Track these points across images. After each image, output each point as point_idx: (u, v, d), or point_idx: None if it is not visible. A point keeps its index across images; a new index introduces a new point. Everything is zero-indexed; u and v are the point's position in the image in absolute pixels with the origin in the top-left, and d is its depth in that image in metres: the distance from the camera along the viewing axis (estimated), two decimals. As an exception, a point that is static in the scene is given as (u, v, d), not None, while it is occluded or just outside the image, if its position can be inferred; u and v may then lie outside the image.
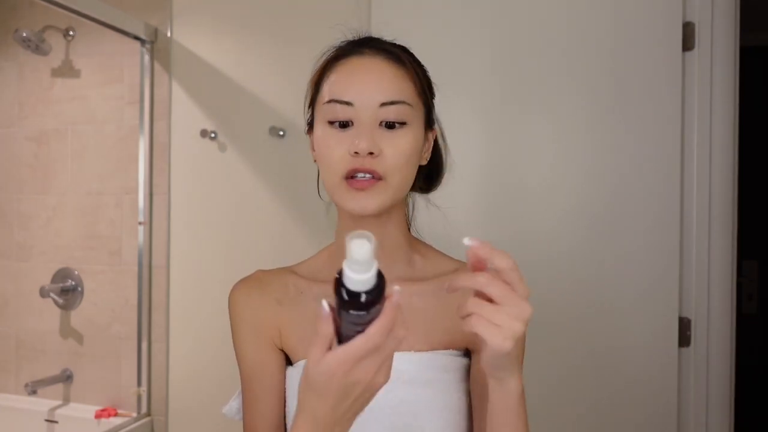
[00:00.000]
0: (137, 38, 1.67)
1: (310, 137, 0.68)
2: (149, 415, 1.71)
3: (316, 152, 0.65)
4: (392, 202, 0.62)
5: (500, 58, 1.37)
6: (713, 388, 1.29)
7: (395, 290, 0.44)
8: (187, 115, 1.68)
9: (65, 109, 1.82)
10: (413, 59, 0.67)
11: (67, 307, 1.80)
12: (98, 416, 1.68)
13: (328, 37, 0.72)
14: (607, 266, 1.31)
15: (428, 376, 0.64)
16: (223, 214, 1.64)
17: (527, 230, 1.35)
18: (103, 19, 1.56)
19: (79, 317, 1.79)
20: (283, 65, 1.59)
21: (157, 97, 1.71)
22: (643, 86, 1.29)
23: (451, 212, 0.81)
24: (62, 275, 1.80)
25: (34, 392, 1.71)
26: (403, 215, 0.69)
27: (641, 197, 1.29)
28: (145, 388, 1.70)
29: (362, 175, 0.60)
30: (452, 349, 0.67)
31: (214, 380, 1.62)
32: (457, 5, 1.40)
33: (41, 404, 1.76)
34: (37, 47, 1.70)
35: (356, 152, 0.59)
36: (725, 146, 1.29)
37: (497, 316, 0.46)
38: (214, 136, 1.64)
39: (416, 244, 0.72)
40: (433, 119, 0.68)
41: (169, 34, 1.70)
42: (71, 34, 1.80)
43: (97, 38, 1.76)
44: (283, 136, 1.56)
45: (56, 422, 1.73)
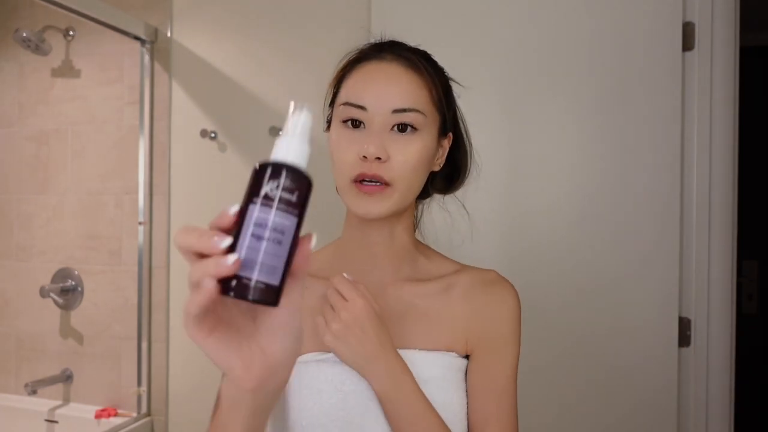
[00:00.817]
0: (137, 38, 1.67)
1: (329, 132, 0.70)
2: (149, 415, 1.71)
3: (330, 152, 0.66)
4: (398, 207, 0.64)
5: (497, 58, 1.37)
6: (713, 388, 1.29)
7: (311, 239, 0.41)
8: (187, 115, 1.68)
9: (65, 109, 1.82)
10: (433, 66, 0.68)
11: (67, 307, 1.80)
12: (98, 416, 1.68)
13: (328, 37, 0.73)
14: (607, 267, 1.31)
15: (429, 374, 0.65)
16: (223, 214, 1.63)
17: (526, 233, 1.35)
18: (103, 19, 1.56)
19: (79, 317, 1.79)
20: (283, 65, 1.59)
21: (157, 97, 1.71)
22: (643, 86, 1.29)
23: (458, 213, 0.82)
24: (62, 275, 1.80)
25: (34, 392, 1.71)
26: (411, 218, 0.71)
27: (642, 198, 1.29)
28: (145, 388, 1.70)
29: (369, 181, 0.61)
30: (453, 350, 0.67)
31: (214, 380, 1.61)
32: (455, 6, 1.40)
33: (41, 404, 1.76)
34: (37, 47, 1.70)
35: (365, 156, 0.60)
36: (725, 146, 1.29)
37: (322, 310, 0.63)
38: (214, 136, 1.64)
39: (421, 246, 0.73)
40: (447, 127, 0.69)
41: (169, 34, 1.70)
42: (71, 34, 1.80)
43: (97, 38, 1.76)
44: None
45: (56, 422, 1.73)
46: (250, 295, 0.36)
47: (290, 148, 0.39)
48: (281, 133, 0.40)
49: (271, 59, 1.61)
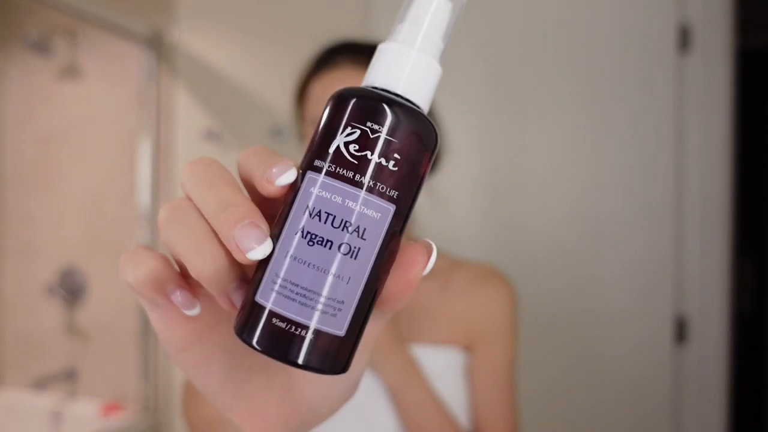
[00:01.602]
0: (142, 40, 1.69)
1: (302, 148, 0.71)
2: (154, 411, 1.73)
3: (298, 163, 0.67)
4: None
5: (489, 58, 1.39)
6: (709, 385, 1.31)
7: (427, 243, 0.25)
8: (191, 116, 1.70)
9: (71, 110, 1.84)
10: None
11: (72, 305, 1.82)
12: (103, 412, 1.70)
13: (332, 39, 0.74)
14: (602, 265, 1.33)
15: (434, 369, 0.67)
16: (227, 213, 1.65)
17: (522, 230, 1.37)
18: (108, 21, 1.58)
19: (84, 315, 1.81)
20: (288, 66, 1.61)
21: (162, 98, 1.73)
22: (642, 86, 1.31)
23: (449, 211, 0.84)
24: (68, 273, 1.82)
25: (39, 389, 1.73)
26: None
27: (637, 197, 1.31)
28: (150, 384, 1.72)
29: None
30: (455, 344, 0.69)
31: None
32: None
33: (47, 400, 1.78)
34: (43, 49, 1.72)
35: None
36: (721, 146, 1.31)
37: None
38: (218, 137, 1.66)
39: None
40: None
41: (174, 36, 1.72)
42: (77, 36, 1.82)
43: (102, 40, 1.78)
44: (288, 137, 1.59)
45: (61, 418, 1.75)
46: (284, 351, 0.22)
47: (406, 66, 0.23)
48: (391, 35, 0.24)
49: (276, 61, 1.63)
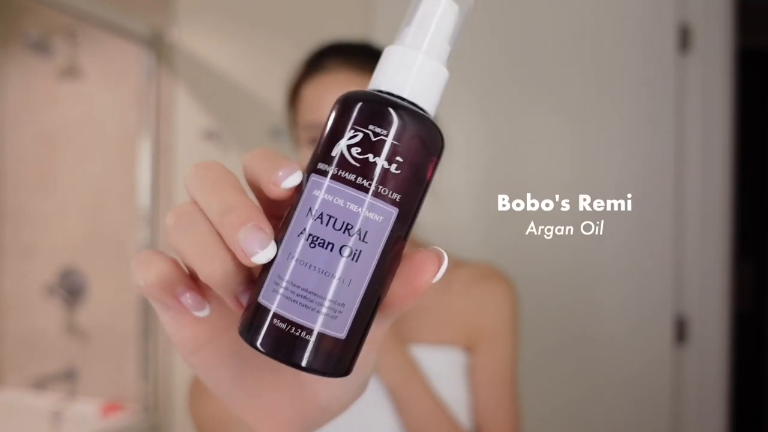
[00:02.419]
0: (142, 40, 1.69)
1: (298, 153, 0.71)
2: (154, 411, 1.73)
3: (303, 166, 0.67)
4: None
5: (484, 58, 1.39)
6: (709, 386, 1.31)
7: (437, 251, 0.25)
8: (191, 116, 1.70)
9: (70, 110, 1.84)
10: (377, 56, 0.67)
11: (72, 304, 1.82)
12: (104, 412, 1.70)
13: (332, 39, 0.74)
14: (602, 264, 1.33)
15: (434, 369, 0.66)
16: (227, 213, 1.65)
17: (520, 228, 1.37)
18: (108, 21, 1.58)
19: (84, 315, 1.81)
20: (288, 66, 1.60)
21: (161, 98, 1.73)
22: (641, 86, 1.31)
23: (446, 208, 0.84)
24: (68, 273, 1.82)
25: (39, 389, 1.73)
26: None
27: (637, 196, 1.31)
28: (150, 384, 1.72)
29: None
30: (455, 345, 0.69)
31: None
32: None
33: (47, 401, 1.79)
34: (42, 49, 1.72)
35: None
36: (721, 146, 1.31)
37: None
38: (218, 137, 1.66)
39: (414, 242, 0.75)
40: None
41: (174, 36, 1.72)
42: (77, 36, 1.82)
43: (102, 40, 1.78)
44: (288, 137, 1.58)
45: (61, 418, 1.75)
46: (286, 353, 0.22)
47: (413, 70, 0.22)
48: (398, 38, 0.24)
49: (276, 61, 1.62)
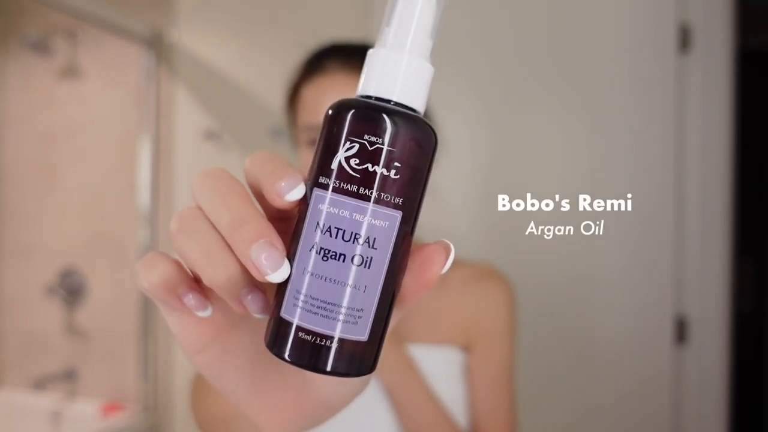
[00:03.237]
0: (142, 40, 1.69)
1: (297, 153, 0.71)
2: (154, 411, 1.73)
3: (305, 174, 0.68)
4: None
5: (484, 59, 1.39)
6: (709, 386, 1.31)
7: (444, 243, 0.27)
8: (191, 116, 1.70)
9: (70, 110, 1.84)
10: None
11: (72, 304, 1.82)
12: (103, 412, 1.70)
13: (331, 39, 0.74)
14: (606, 265, 1.33)
15: (432, 369, 0.66)
16: (226, 213, 1.65)
17: (519, 226, 1.37)
18: (107, 21, 1.58)
19: (83, 315, 1.81)
20: (288, 66, 1.60)
21: (161, 98, 1.73)
22: (641, 86, 1.31)
23: (443, 205, 0.84)
24: (67, 273, 1.82)
25: (39, 389, 1.73)
26: None
27: (637, 196, 1.31)
28: (150, 384, 1.72)
29: None
30: (453, 345, 0.69)
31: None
32: (453, 8, 1.42)
33: (46, 401, 1.79)
34: (42, 49, 1.72)
35: None
36: (721, 146, 1.31)
37: None
38: (218, 137, 1.66)
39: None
40: None
41: (173, 36, 1.72)
42: (76, 36, 1.82)
43: (102, 40, 1.78)
44: (287, 137, 1.58)
45: (61, 418, 1.75)
46: (313, 361, 0.23)
47: (399, 73, 0.23)
48: (379, 39, 0.24)
49: (276, 60, 1.62)
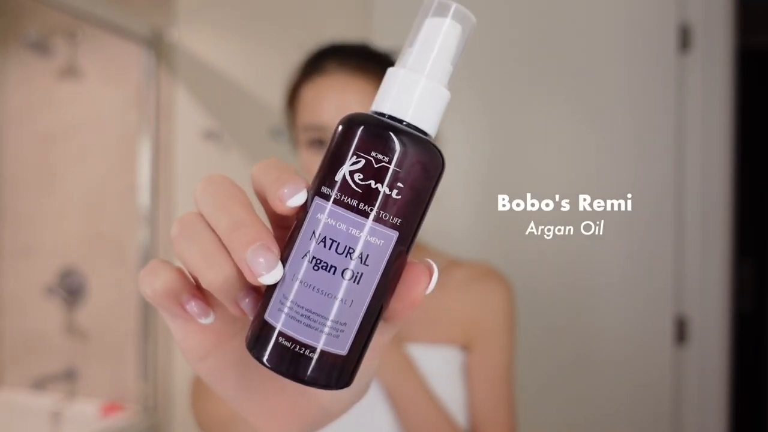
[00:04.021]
0: (142, 40, 1.69)
1: (297, 154, 0.71)
2: (154, 411, 1.73)
3: (304, 174, 0.68)
4: None
5: (485, 57, 1.39)
6: (709, 386, 1.31)
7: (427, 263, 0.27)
8: (191, 116, 1.70)
9: (70, 110, 1.84)
10: (376, 59, 0.68)
11: (72, 304, 1.82)
12: (103, 412, 1.70)
13: (331, 38, 0.74)
14: (606, 266, 1.33)
15: (431, 368, 0.67)
16: (226, 213, 1.65)
17: (518, 226, 1.37)
18: (107, 21, 1.58)
19: (83, 315, 1.81)
20: (287, 67, 1.60)
21: (161, 98, 1.73)
22: (641, 86, 1.31)
23: (442, 205, 0.84)
24: (67, 274, 1.82)
25: (39, 389, 1.73)
26: None
27: (638, 195, 1.31)
28: (150, 383, 1.72)
29: None
30: (452, 344, 0.69)
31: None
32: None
33: (46, 401, 1.79)
34: (42, 49, 1.72)
35: None
36: (722, 146, 1.31)
37: None
38: (218, 137, 1.66)
39: (418, 245, 0.75)
40: None
41: (173, 35, 1.72)
42: (76, 36, 1.82)
43: (101, 40, 1.78)
44: (287, 137, 1.58)
45: (61, 418, 1.75)
46: (291, 369, 0.24)
47: (414, 94, 0.23)
48: (400, 59, 0.25)
49: (275, 61, 1.62)
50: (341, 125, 0.24)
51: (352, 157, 0.23)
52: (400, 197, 0.23)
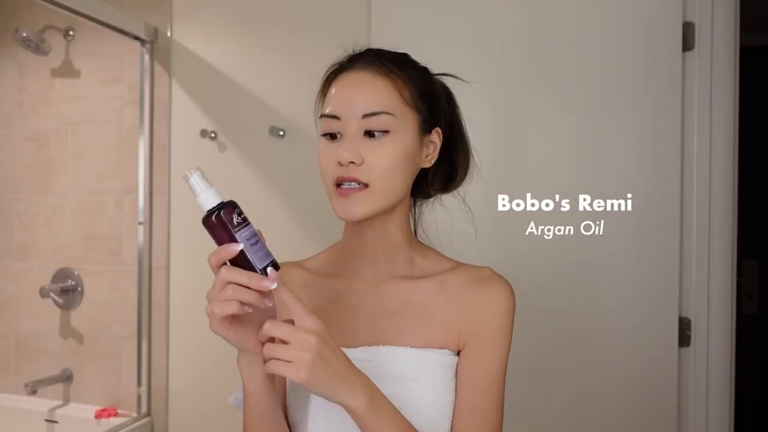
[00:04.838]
0: (137, 38, 1.68)
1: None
2: (149, 415, 1.71)
3: (318, 163, 0.69)
4: (380, 206, 0.65)
5: (493, 58, 1.37)
6: (713, 388, 1.29)
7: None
8: (187, 115, 1.68)
9: (65, 109, 1.82)
10: (408, 67, 0.69)
11: (67, 307, 1.80)
12: (98, 416, 1.68)
13: (328, 37, 0.73)
14: (607, 266, 1.31)
15: (419, 372, 0.66)
16: (222, 214, 1.64)
17: (522, 229, 1.35)
18: (103, 19, 1.57)
19: (79, 317, 1.80)
20: (283, 65, 1.59)
21: (157, 97, 1.71)
22: (642, 86, 1.29)
23: (460, 212, 0.83)
24: (62, 275, 1.80)
25: (34, 392, 1.71)
26: (405, 217, 0.72)
27: (642, 197, 1.29)
28: (145, 388, 1.70)
29: (348, 183, 0.64)
30: (446, 348, 0.68)
31: (213, 380, 1.62)
32: (455, 7, 1.40)
33: (41, 404, 1.77)
34: (37, 47, 1.70)
35: (340, 162, 0.64)
36: (725, 146, 1.29)
37: (287, 353, 0.55)
38: (214, 136, 1.64)
39: (417, 245, 0.74)
40: (430, 124, 0.70)
41: (169, 34, 1.70)
42: (71, 34, 1.80)
43: (97, 38, 1.77)
44: (283, 136, 1.56)
45: (56, 422, 1.73)
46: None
47: (213, 195, 0.55)
48: (197, 193, 0.55)
49: (270, 59, 1.61)
50: (214, 216, 0.56)
51: (228, 217, 0.55)
52: (242, 214, 0.57)
